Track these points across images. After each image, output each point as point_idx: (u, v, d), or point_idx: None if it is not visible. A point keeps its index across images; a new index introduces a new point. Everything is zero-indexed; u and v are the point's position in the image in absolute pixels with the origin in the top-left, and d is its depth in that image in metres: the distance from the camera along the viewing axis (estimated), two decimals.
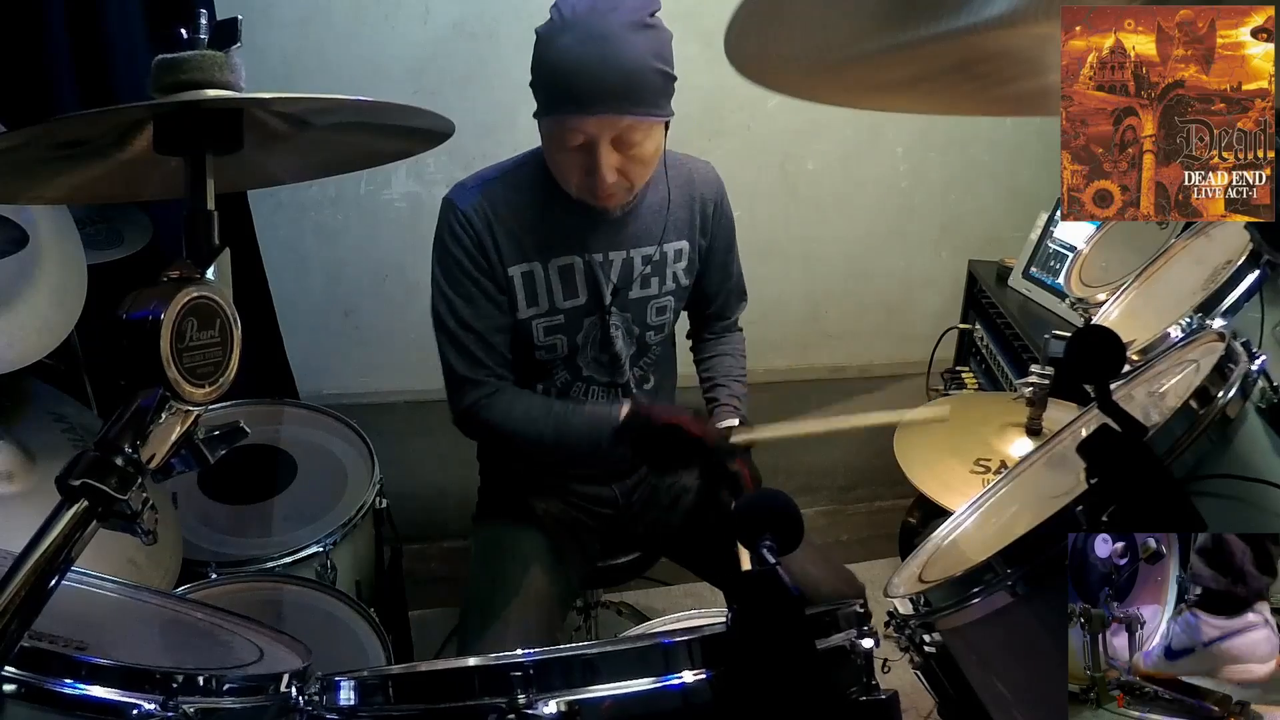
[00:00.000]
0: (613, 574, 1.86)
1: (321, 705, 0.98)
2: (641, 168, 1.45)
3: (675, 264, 1.63)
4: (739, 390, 1.75)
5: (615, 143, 1.39)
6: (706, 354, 1.82)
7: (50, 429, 1.48)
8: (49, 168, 0.87)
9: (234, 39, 0.78)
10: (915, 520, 1.99)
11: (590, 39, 1.32)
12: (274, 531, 1.75)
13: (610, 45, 1.32)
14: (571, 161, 1.42)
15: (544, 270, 1.54)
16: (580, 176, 1.43)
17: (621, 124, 1.36)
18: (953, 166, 2.65)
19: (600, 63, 1.32)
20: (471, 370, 1.54)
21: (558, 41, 1.34)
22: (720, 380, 1.76)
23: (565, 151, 1.41)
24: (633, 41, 1.33)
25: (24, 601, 0.68)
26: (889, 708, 1.01)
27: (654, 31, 1.37)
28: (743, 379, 1.79)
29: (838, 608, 1.04)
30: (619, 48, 1.32)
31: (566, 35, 1.33)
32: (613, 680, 0.94)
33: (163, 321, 0.72)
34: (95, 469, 0.70)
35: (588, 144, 1.38)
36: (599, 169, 1.39)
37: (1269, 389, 0.98)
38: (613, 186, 1.42)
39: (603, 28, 1.32)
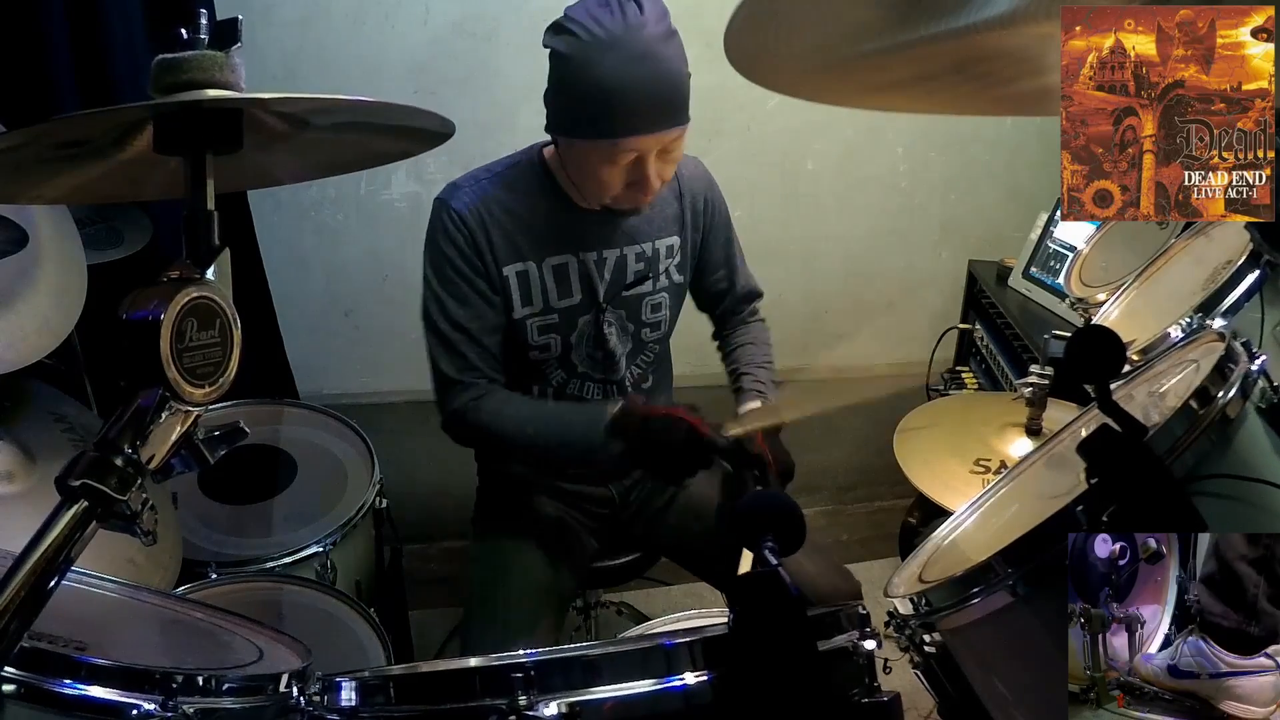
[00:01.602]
0: (612, 574, 1.85)
1: (322, 705, 0.98)
2: (673, 168, 1.49)
3: (667, 260, 1.63)
4: (764, 376, 1.73)
5: (659, 153, 1.42)
6: (730, 346, 1.81)
7: (50, 429, 1.48)
8: (49, 168, 0.87)
9: (234, 39, 0.78)
10: (915, 520, 1.99)
11: (638, 59, 1.32)
12: (274, 531, 1.75)
13: (658, 63, 1.34)
14: (615, 177, 1.43)
15: (538, 270, 1.55)
16: (621, 188, 1.45)
17: (670, 136, 1.40)
18: (953, 166, 2.64)
19: (654, 82, 1.34)
20: (461, 373, 1.53)
21: (601, 63, 1.32)
22: (744, 368, 1.75)
23: (610, 170, 1.42)
24: (669, 55, 1.36)
25: (24, 601, 0.68)
26: (891, 709, 1.01)
27: (677, 38, 1.39)
28: (768, 365, 1.77)
29: (839, 609, 1.04)
30: (664, 64, 1.35)
31: (610, 55, 1.31)
32: (614, 681, 0.94)
33: (163, 321, 0.72)
34: (95, 469, 0.70)
35: (639, 159, 1.40)
36: (648, 179, 1.42)
37: (1269, 389, 0.98)
38: (656, 191, 1.46)
39: (644, 45, 1.33)
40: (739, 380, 1.73)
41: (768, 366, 1.77)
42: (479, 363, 1.54)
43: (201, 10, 0.81)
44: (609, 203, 1.49)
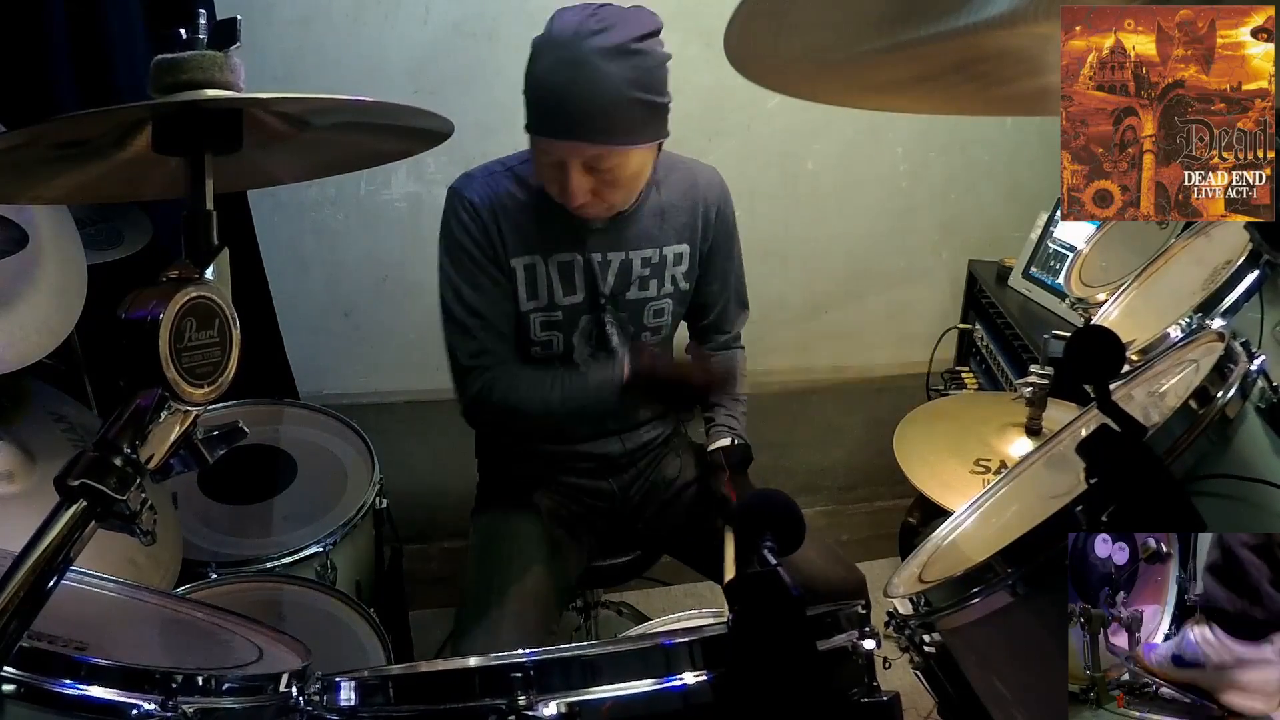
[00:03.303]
0: (613, 573, 1.85)
1: (322, 705, 0.98)
2: (619, 190, 1.45)
3: (675, 267, 1.64)
4: (737, 410, 1.76)
5: (586, 166, 1.40)
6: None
7: (50, 429, 1.48)
8: (49, 168, 0.87)
9: (233, 39, 0.78)
10: (915, 520, 1.99)
11: (562, 65, 1.32)
12: (274, 531, 1.75)
13: (581, 73, 1.31)
14: (549, 175, 1.45)
15: (545, 265, 1.56)
16: (557, 190, 1.45)
17: (588, 151, 1.37)
18: (953, 166, 2.64)
19: (568, 90, 1.32)
20: (475, 358, 1.56)
21: (537, 62, 1.36)
22: (715, 399, 1.75)
23: (540, 166, 1.44)
24: (607, 71, 1.31)
25: (23, 601, 0.68)
26: (890, 709, 1.01)
27: (637, 58, 1.34)
28: (741, 399, 1.79)
29: (839, 609, 1.04)
30: (591, 77, 1.31)
31: (544, 58, 1.35)
32: (614, 681, 0.94)
33: (161, 321, 0.72)
34: (94, 469, 0.70)
35: (559, 164, 1.40)
36: (569, 189, 1.41)
37: (1268, 389, 0.98)
38: (585, 206, 1.45)
39: (576, 55, 1.31)
40: (712, 411, 1.76)
41: (741, 399, 1.79)
42: (493, 347, 1.56)
43: (201, 10, 0.81)
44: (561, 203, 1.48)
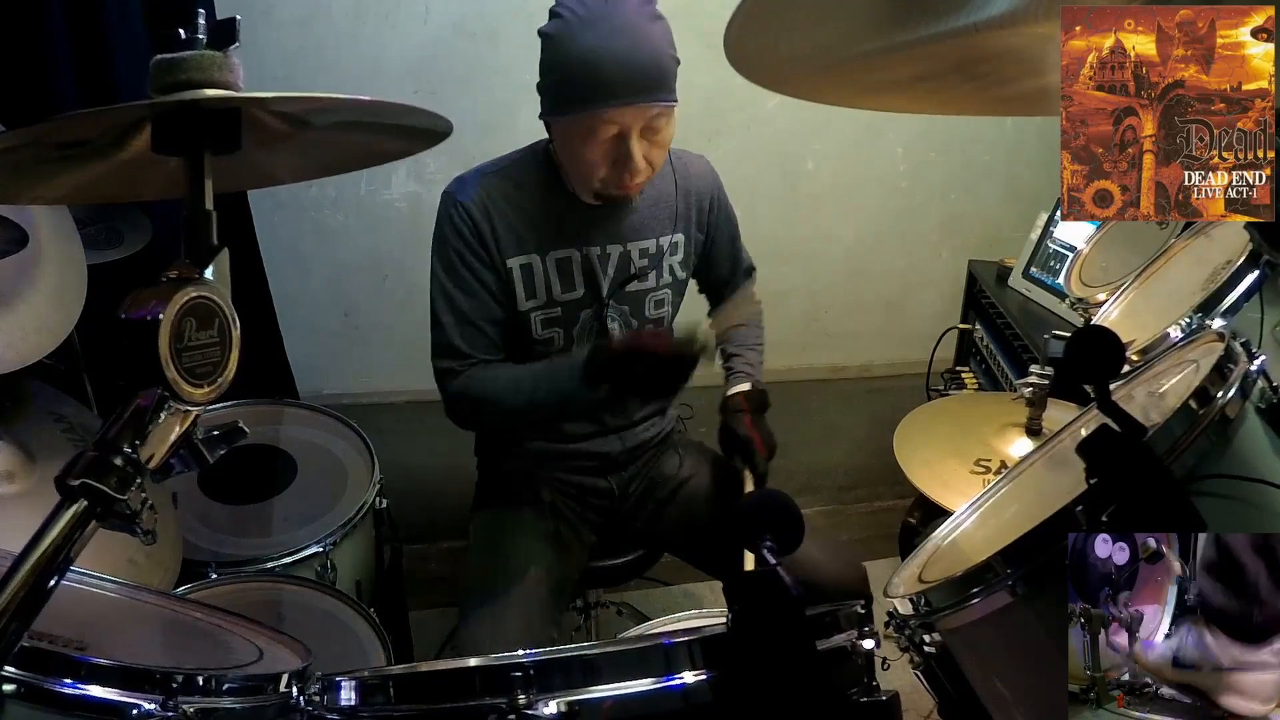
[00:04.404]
0: (613, 573, 1.86)
1: (322, 705, 0.98)
2: (662, 153, 1.50)
3: (671, 257, 1.65)
4: (754, 358, 1.81)
5: (644, 131, 1.43)
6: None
7: (50, 429, 1.48)
8: (49, 168, 0.87)
9: (232, 39, 0.78)
10: (915, 520, 1.98)
11: (618, 31, 1.36)
12: (274, 531, 1.75)
13: (638, 36, 1.37)
14: (599, 154, 1.44)
15: (542, 263, 1.56)
16: (607, 168, 1.46)
17: (652, 112, 1.41)
18: (953, 166, 2.64)
19: (632, 53, 1.36)
20: (460, 362, 1.56)
21: (582, 38, 1.37)
22: (734, 349, 1.81)
23: (594, 145, 1.43)
24: (652, 31, 1.39)
25: (23, 601, 0.68)
26: (890, 709, 1.01)
27: (663, 21, 1.43)
28: (758, 346, 1.84)
29: (838, 608, 1.04)
30: (644, 38, 1.38)
31: (591, 31, 1.37)
32: (613, 681, 0.94)
33: (161, 321, 0.72)
34: (94, 469, 0.70)
35: (621, 134, 1.42)
36: (632, 157, 1.43)
37: (1268, 389, 0.98)
38: (643, 174, 1.47)
39: (625, 20, 1.37)
40: (730, 361, 1.80)
41: (757, 347, 1.84)
42: (478, 350, 1.57)
43: (200, 10, 0.81)
44: (598, 188, 1.49)
